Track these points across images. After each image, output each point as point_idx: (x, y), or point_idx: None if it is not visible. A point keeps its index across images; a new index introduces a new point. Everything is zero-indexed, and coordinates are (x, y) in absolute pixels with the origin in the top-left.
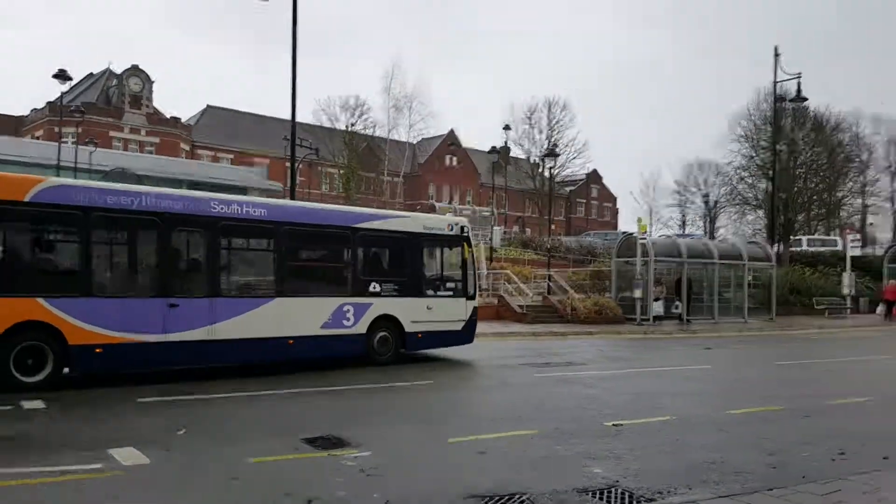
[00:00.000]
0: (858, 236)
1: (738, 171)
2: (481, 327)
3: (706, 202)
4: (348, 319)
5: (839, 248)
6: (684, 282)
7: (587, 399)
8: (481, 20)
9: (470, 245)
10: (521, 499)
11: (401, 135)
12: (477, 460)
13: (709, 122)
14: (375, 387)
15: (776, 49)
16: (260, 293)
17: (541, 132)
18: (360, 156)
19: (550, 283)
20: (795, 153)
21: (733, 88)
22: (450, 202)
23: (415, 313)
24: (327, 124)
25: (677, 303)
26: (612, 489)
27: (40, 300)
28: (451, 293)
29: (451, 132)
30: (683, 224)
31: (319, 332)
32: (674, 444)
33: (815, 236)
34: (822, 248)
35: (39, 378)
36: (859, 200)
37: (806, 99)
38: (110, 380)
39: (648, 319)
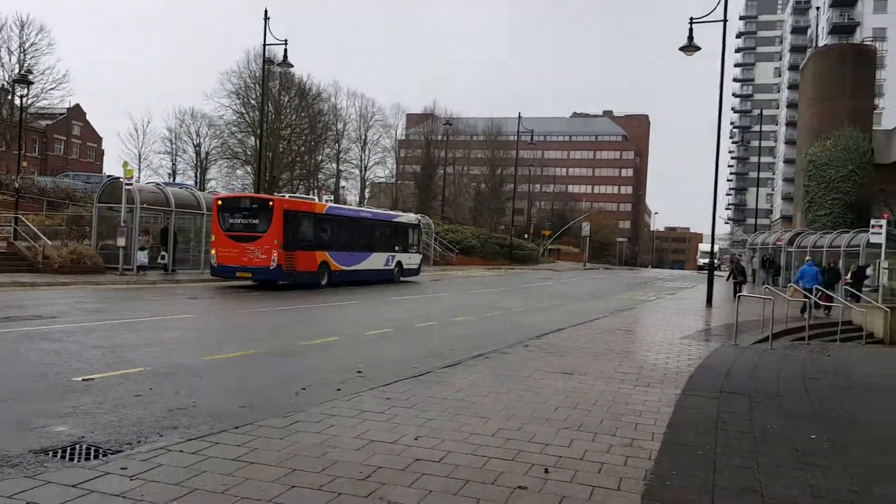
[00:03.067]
0: (333, 197)
1: (229, 125)
2: None
3: (198, 153)
4: (388, 263)
5: None
6: (171, 231)
7: (54, 354)
8: None
9: (421, 230)
10: None
11: None
12: None
13: (205, 74)
14: None
15: (266, 12)
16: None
17: (11, 53)
18: None
19: (18, 228)
20: (282, 115)
21: (230, 44)
22: None
23: (407, 261)
24: None
25: (163, 253)
26: (77, 445)
27: (326, 252)
28: (415, 251)
29: None
30: (174, 173)
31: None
32: (148, 394)
33: (298, 194)
34: None
35: (324, 282)
36: (335, 165)
37: (292, 65)
38: None
39: (132, 269)
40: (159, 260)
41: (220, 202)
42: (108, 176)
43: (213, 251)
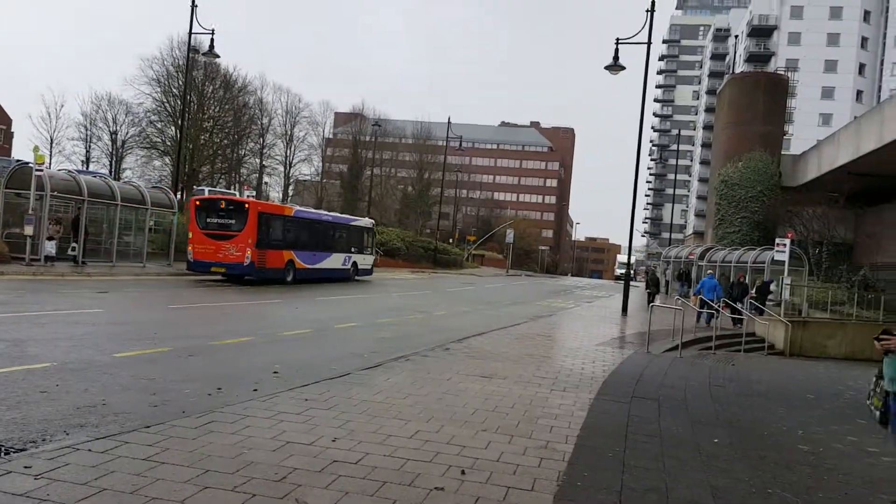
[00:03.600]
0: (254, 193)
1: (148, 114)
2: None
3: (114, 141)
4: (345, 263)
5: None
6: (82, 221)
7: None
8: None
9: (374, 233)
10: None
11: None
12: None
13: (124, 59)
14: None
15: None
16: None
17: None
18: None
19: None
20: (204, 106)
21: (154, 31)
22: None
23: (361, 261)
24: None
25: (73, 244)
26: None
27: (292, 251)
28: (369, 253)
29: None
30: (88, 161)
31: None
32: (54, 390)
33: (218, 188)
34: None
35: (290, 279)
36: (258, 160)
37: (218, 55)
38: None
39: (40, 260)
40: (69, 251)
41: (198, 202)
42: (17, 160)
43: (189, 247)
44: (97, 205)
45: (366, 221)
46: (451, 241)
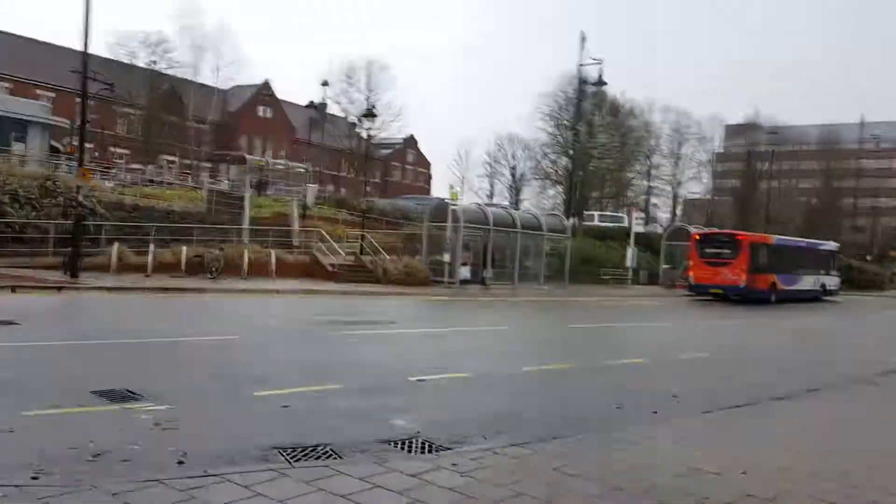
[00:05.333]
0: (643, 215)
1: (542, 147)
2: (290, 284)
3: (513, 175)
4: (815, 284)
5: (626, 224)
6: (489, 248)
7: (392, 356)
8: None
9: (839, 256)
10: (325, 449)
11: (206, 78)
12: (281, 413)
13: (521, 100)
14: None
15: (582, 34)
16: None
17: (360, 92)
18: (162, 98)
19: (363, 244)
20: (593, 134)
21: (546, 70)
22: (262, 155)
23: (829, 282)
24: (125, 60)
25: (483, 268)
26: (413, 439)
27: (774, 275)
28: (835, 274)
29: (267, 83)
30: (492, 194)
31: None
32: (473, 397)
33: (606, 212)
34: (612, 224)
35: (773, 299)
36: (645, 182)
37: (605, 83)
38: None
39: (455, 283)
40: (484, 273)
41: (698, 236)
42: (437, 198)
43: (689, 273)
44: (500, 232)
45: (831, 245)
46: (868, 258)
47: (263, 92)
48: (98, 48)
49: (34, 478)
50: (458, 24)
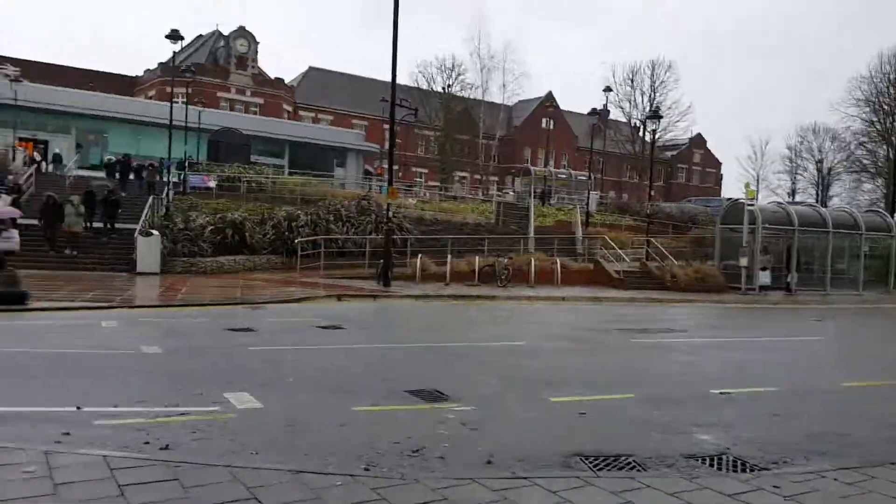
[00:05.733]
0: None
1: (856, 136)
2: (576, 291)
3: (819, 169)
4: None
5: None
6: (795, 251)
7: (686, 365)
8: None
9: None
10: (628, 460)
11: (493, 96)
12: (578, 420)
13: (822, 87)
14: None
15: None
16: None
17: (643, 94)
18: (456, 118)
19: (649, 250)
20: None
21: (845, 53)
22: (545, 166)
23: None
24: (424, 86)
25: (787, 272)
26: (723, 456)
27: None
28: None
29: (549, 94)
30: (793, 192)
31: None
32: (785, 414)
33: None
34: None
35: None
36: None
37: None
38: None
39: (754, 289)
40: (788, 279)
41: None
42: (728, 198)
43: None
44: (807, 233)
45: None
46: None
47: (546, 104)
48: (402, 77)
49: (366, 469)
50: (744, 8)
